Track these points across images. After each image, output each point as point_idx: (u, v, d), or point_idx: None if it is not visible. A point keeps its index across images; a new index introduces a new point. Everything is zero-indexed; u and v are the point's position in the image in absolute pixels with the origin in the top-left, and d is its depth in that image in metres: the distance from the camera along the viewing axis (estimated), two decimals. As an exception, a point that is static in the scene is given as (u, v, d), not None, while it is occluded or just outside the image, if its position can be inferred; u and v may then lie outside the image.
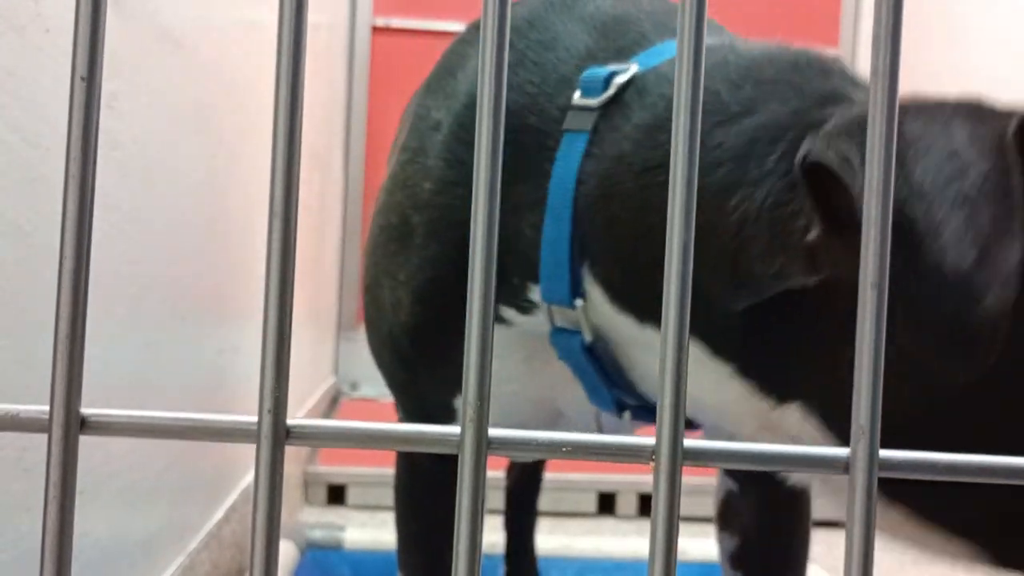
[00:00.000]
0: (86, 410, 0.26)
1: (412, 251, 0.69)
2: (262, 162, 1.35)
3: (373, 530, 1.61)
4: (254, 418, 0.27)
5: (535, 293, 0.65)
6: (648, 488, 1.70)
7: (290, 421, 0.27)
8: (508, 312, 0.68)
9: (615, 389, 0.66)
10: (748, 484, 0.77)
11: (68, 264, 0.26)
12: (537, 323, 0.67)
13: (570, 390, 0.69)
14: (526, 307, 0.67)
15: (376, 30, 2.97)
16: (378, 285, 0.74)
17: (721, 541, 0.81)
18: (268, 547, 0.26)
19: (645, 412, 0.68)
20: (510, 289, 0.66)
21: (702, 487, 1.51)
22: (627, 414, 0.68)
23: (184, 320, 1.06)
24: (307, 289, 2.10)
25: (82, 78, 0.27)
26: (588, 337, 0.64)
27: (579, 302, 0.62)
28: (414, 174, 0.71)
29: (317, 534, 1.48)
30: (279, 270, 0.26)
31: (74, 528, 0.25)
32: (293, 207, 0.27)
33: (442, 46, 0.95)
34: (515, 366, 0.70)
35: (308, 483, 1.97)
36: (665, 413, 0.28)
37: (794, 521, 0.79)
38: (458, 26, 3.03)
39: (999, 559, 0.52)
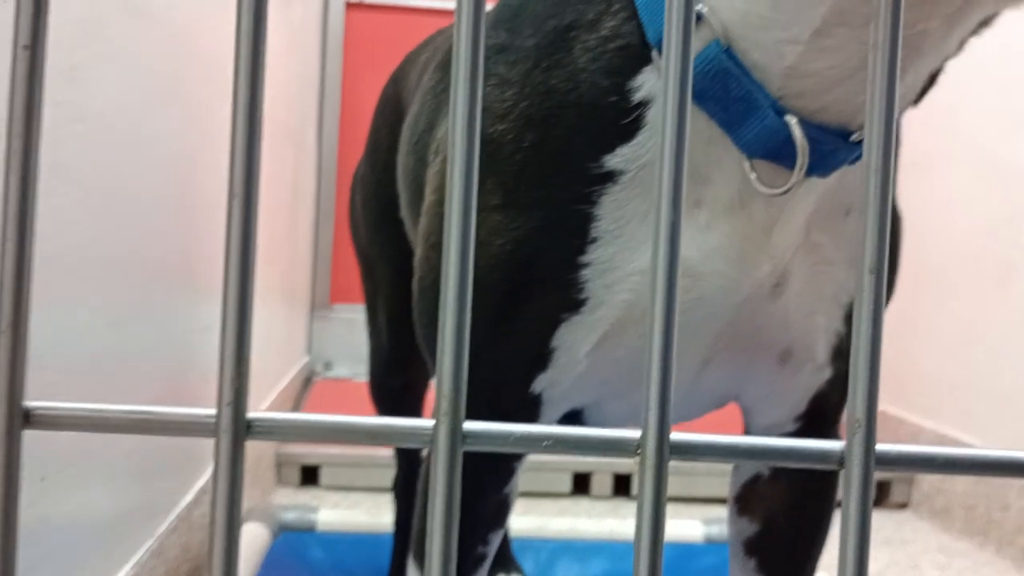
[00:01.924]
0: (30, 403, 0.24)
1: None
2: (233, 138, 1.32)
3: (347, 511, 1.59)
4: (212, 411, 0.25)
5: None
6: (623, 469, 1.70)
7: (251, 414, 0.25)
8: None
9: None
10: (782, 467, 0.73)
11: (10, 249, 0.24)
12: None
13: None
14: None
15: (350, 6, 2.93)
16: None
17: (736, 525, 0.76)
18: (228, 548, 0.24)
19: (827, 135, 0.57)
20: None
21: (677, 467, 1.50)
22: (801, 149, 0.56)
23: (152, 299, 1.04)
24: (280, 266, 2.07)
25: (24, 47, 0.25)
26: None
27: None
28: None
29: (290, 516, 1.46)
30: (239, 257, 0.24)
31: (37, 512, 0.23)
32: (254, 188, 0.25)
33: (416, 23, 0.92)
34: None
35: (281, 464, 1.95)
36: (651, 404, 0.27)
37: (822, 508, 0.75)
38: (430, 3, 3.02)
39: None
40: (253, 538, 1.34)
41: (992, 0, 0.51)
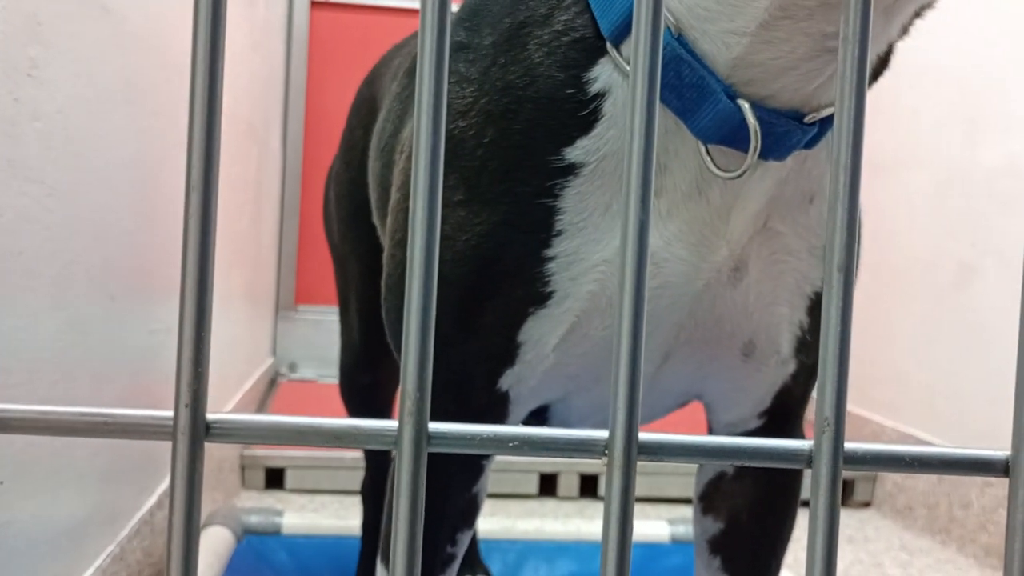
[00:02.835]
0: (-21, 405, 0.24)
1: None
2: (196, 137, 1.30)
3: (312, 514, 1.58)
4: (170, 413, 0.24)
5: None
6: (590, 469, 1.70)
7: (211, 415, 0.25)
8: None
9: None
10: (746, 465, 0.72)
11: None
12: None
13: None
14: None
15: (315, 5, 2.91)
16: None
17: (701, 524, 0.76)
18: (186, 555, 0.24)
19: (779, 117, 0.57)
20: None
21: (643, 467, 1.50)
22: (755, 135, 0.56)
23: (113, 299, 1.02)
24: (244, 267, 2.05)
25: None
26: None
27: None
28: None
29: (254, 519, 1.44)
30: (197, 254, 0.23)
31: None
32: (213, 182, 0.24)
33: (381, 22, 0.92)
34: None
35: (245, 466, 1.93)
36: (619, 405, 0.27)
37: (786, 507, 0.75)
38: (397, 2, 3.00)
39: None
40: (216, 542, 1.32)
41: None
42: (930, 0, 0.55)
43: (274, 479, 1.93)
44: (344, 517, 1.52)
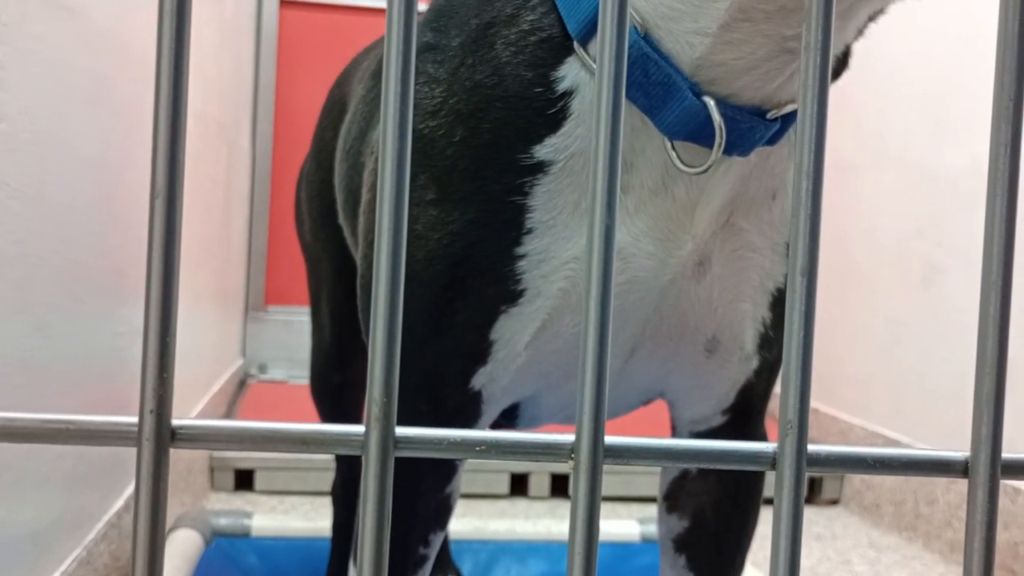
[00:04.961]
0: (-60, 412, 0.23)
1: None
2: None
3: (282, 516, 1.57)
4: (135, 419, 0.24)
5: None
6: (561, 469, 1.70)
7: (176, 421, 0.25)
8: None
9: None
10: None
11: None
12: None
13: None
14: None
15: (284, 4, 2.90)
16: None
17: (666, 523, 0.77)
18: (151, 563, 0.23)
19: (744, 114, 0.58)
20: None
21: (613, 467, 1.51)
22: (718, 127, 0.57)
23: (79, 302, 1.01)
24: (213, 267, 2.04)
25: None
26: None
27: None
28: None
29: (223, 521, 1.43)
30: (162, 261, 0.23)
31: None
32: (178, 187, 0.24)
33: (351, 21, 0.92)
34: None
35: (214, 468, 1.92)
36: (585, 408, 0.27)
37: (750, 503, 0.76)
38: (366, 1, 2.99)
39: None
40: (185, 545, 1.31)
41: None
42: (883, 5, 0.56)
43: (243, 481, 1.92)
44: (314, 519, 1.51)
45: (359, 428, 0.26)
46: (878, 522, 1.95)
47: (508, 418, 0.73)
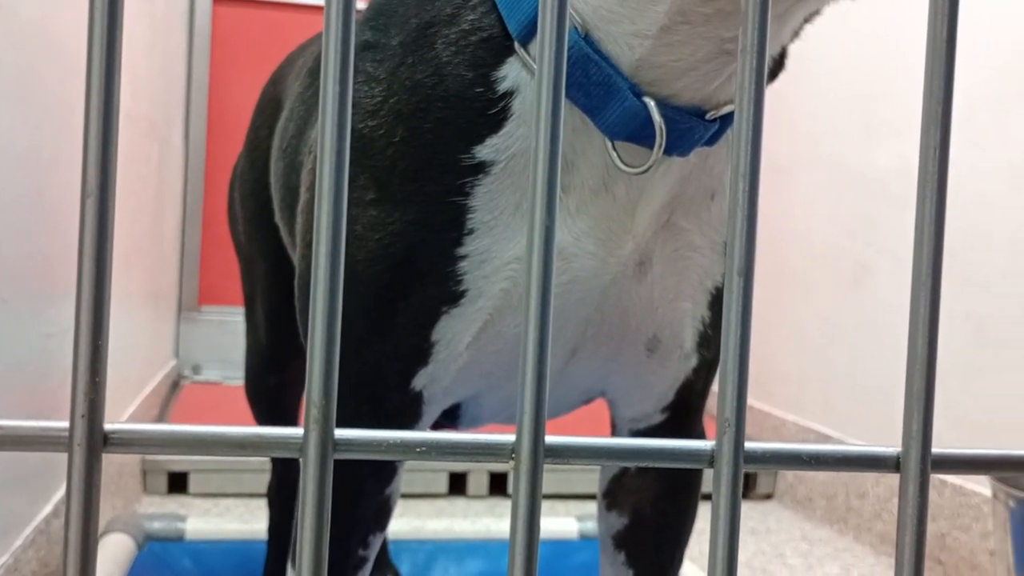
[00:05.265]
0: None
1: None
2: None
3: (217, 519, 1.55)
4: (65, 424, 0.24)
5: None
6: (499, 467, 1.71)
7: (108, 425, 0.24)
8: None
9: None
10: None
11: None
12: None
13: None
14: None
15: (217, 0, 2.85)
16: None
17: (606, 520, 0.77)
18: (83, 569, 0.23)
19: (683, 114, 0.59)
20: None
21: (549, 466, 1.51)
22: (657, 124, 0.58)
23: (5, 302, 0.99)
24: (145, 267, 2.00)
25: None
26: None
27: None
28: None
29: (156, 525, 1.41)
30: (94, 263, 0.23)
31: None
32: (110, 186, 0.23)
33: (285, 18, 0.91)
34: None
35: (147, 471, 1.88)
36: (526, 408, 0.27)
37: (688, 499, 0.77)
38: (303, -1, 2.95)
39: None
40: (116, 550, 1.28)
41: (814, 1, 0.55)
42: (818, 7, 0.57)
43: (177, 483, 1.89)
44: (249, 521, 1.50)
45: (298, 431, 0.25)
46: (810, 515, 1.99)
47: (449, 418, 0.73)
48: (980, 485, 1.57)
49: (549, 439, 0.27)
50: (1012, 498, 1.09)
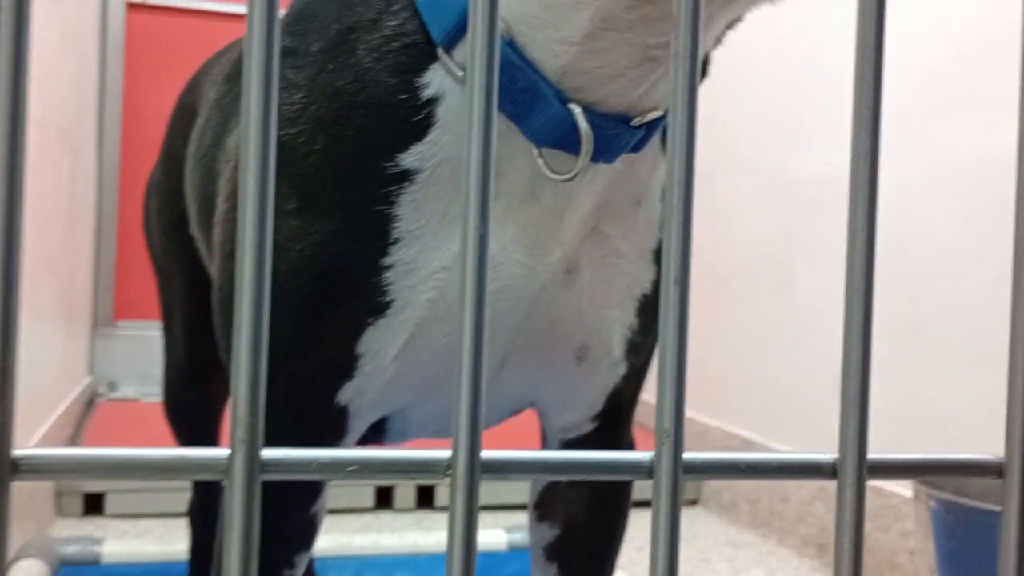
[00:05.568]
0: None
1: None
2: None
3: (135, 540, 1.50)
4: (-30, 451, 0.22)
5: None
6: (425, 480, 1.70)
7: (18, 451, 0.23)
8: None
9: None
10: None
11: None
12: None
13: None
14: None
15: (131, 7, 2.79)
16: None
17: (537, 531, 0.77)
18: (-10, 606, 0.21)
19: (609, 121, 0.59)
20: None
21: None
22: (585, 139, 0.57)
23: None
24: (56, 281, 1.94)
25: None
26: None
27: None
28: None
29: (71, 549, 1.36)
30: (2, 283, 0.21)
31: None
32: (18, 199, 0.22)
33: (201, 26, 0.88)
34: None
35: (61, 493, 1.82)
36: (462, 423, 0.26)
37: (619, 509, 0.77)
38: (217, 6, 2.91)
39: None
40: (30, 576, 1.24)
41: (738, 6, 0.56)
42: (740, 14, 0.58)
43: (93, 505, 1.83)
44: (169, 542, 1.46)
45: (222, 452, 0.24)
46: (735, 520, 2.02)
47: (376, 432, 0.71)
48: (899, 487, 1.61)
49: (485, 454, 0.26)
50: (933, 498, 1.12)
